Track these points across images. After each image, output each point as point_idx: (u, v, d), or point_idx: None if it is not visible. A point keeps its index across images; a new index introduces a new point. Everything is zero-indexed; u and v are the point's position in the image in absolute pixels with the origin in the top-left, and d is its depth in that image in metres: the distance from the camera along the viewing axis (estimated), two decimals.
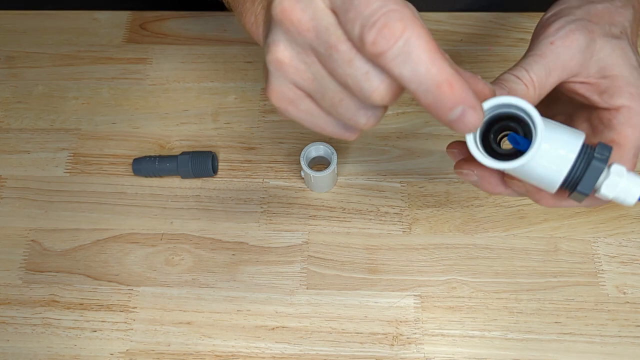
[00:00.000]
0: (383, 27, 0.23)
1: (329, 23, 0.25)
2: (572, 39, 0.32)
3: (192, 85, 0.57)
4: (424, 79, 0.23)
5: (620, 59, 0.33)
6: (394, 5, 0.23)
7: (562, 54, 0.32)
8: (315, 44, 0.25)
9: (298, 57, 0.26)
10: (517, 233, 0.49)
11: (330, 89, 0.27)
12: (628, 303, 0.46)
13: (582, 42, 0.32)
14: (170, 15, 0.61)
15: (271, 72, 0.27)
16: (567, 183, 0.30)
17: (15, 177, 0.53)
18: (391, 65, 0.23)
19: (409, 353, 0.45)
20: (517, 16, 0.60)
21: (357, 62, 0.25)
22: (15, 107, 0.56)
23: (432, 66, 0.23)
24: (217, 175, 0.52)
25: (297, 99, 0.28)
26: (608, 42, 0.33)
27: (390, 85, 0.25)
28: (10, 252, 0.49)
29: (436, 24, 0.60)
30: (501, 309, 0.46)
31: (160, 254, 0.49)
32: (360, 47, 0.24)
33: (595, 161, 0.29)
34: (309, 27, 0.25)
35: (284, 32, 0.26)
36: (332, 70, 0.26)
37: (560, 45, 0.33)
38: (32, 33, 0.61)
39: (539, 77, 0.32)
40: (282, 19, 0.25)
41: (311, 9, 0.25)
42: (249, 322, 0.46)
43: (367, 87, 0.25)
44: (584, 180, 0.30)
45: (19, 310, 0.47)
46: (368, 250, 0.49)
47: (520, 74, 0.32)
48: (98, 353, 0.45)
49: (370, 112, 0.27)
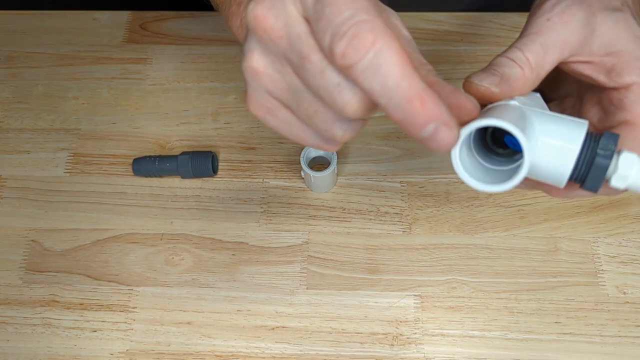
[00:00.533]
0: (353, 38, 0.22)
1: (301, 31, 0.24)
2: (569, 14, 0.30)
3: (192, 85, 0.57)
4: (394, 93, 0.22)
5: (624, 32, 0.30)
6: (365, 15, 0.22)
7: (560, 30, 0.30)
8: (288, 53, 0.25)
9: (272, 66, 0.26)
10: (517, 233, 0.49)
11: (305, 100, 0.26)
12: (628, 303, 0.46)
13: (581, 17, 0.30)
14: (170, 15, 0.61)
15: (247, 81, 0.27)
16: (575, 176, 0.28)
17: (15, 177, 0.53)
18: (361, 78, 0.22)
19: (409, 353, 0.45)
20: (517, 16, 0.60)
21: (329, 74, 0.24)
22: (15, 107, 0.56)
23: (403, 80, 0.22)
24: (217, 175, 0.52)
25: (274, 108, 0.27)
26: (609, 15, 0.31)
27: (362, 99, 0.24)
28: (10, 252, 0.49)
29: (436, 24, 0.60)
30: (501, 309, 0.46)
31: (160, 254, 0.49)
32: (330, 58, 0.23)
33: (599, 158, 0.28)
34: (281, 34, 0.24)
35: (258, 40, 0.25)
36: (305, 81, 0.25)
37: (557, 21, 0.30)
38: (32, 33, 0.61)
39: (536, 55, 0.30)
40: (255, 26, 0.25)
41: (284, 16, 0.24)
42: (249, 322, 0.46)
43: (340, 100, 0.24)
44: (590, 177, 0.28)
45: (19, 310, 0.47)
46: (368, 250, 0.49)
47: (514, 55, 0.30)
48: (98, 353, 0.45)
49: (347, 125, 0.26)
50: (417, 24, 0.60)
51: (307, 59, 0.24)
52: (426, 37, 0.59)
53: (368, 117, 0.26)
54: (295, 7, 0.24)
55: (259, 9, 0.24)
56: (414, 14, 0.60)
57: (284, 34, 0.24)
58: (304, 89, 0.25)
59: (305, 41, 0.24)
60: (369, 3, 0.23)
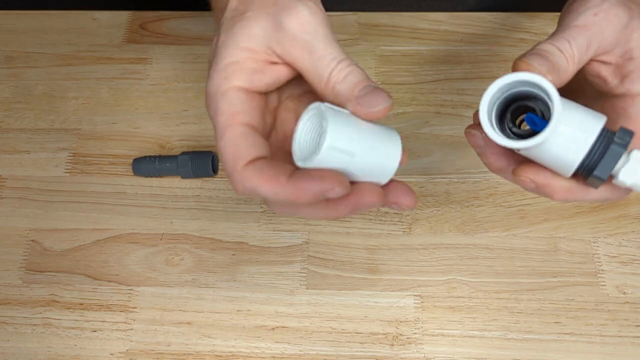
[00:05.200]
0: (235, 185, 0.30)
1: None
2: (614, 13, 0.30)
3: (192, 85, 0.57)
4: (277, 200, 0.29)
5: None
6: (231, 169, 0.30)
7: (604, 28, 0.30)
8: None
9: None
10: (517, 233, 0.49)
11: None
12: (628, 303, 0.46)
13: (623, 18, 0.30)
14: (170, 15, 0.61)
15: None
16: (584, 167, 0.29)
17: (15, 177, 0.53)
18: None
19: (409, 353, 0.45)
20: (517, 16, 0.60)
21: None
22: (15, 107, 0.56)
23: (275, 196, 0.29)
24: (217, 175, 0.52)
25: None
26: None
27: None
28: (10, 252, 0.49)
29: (436, 24, 0.60)
30: (501, 309, 0.46)
31: (160, 254, 0.49)
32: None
33: (615, 145, 0.28)
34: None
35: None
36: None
37: (603, 18, 0.30)
38: (32, 33, 0.61)
39: (580, 51, 0.30)
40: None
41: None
42: (249, 322, 0.46)
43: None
44: (602, 164, 0.28)
45: (19, 310, 0.47)
46: (368, 250, 0.49)
47: (563, 47, 0.30)
48: (98, 353, 0.45)
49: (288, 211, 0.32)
50: (417, 24, 0.60)
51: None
52: (426, 37, 0.59)
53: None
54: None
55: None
56: (414, 14, 0.60)
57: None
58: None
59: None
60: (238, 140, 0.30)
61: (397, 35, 0.59)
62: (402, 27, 0.60)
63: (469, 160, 0.52)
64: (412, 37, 0.59)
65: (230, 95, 0.30)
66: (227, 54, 0.30)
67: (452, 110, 0.54)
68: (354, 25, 0.60)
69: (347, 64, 0.30)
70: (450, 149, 0.53)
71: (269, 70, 0.31)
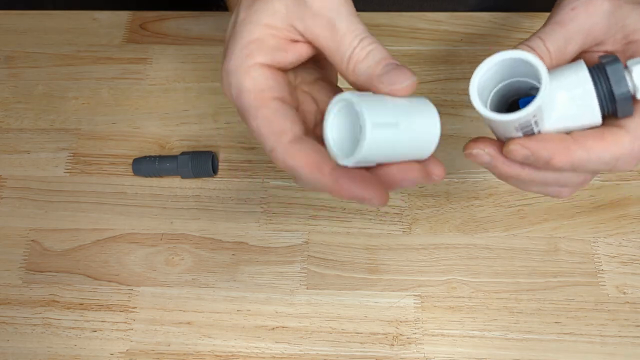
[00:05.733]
0: (275, 162, 0.29)
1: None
2: (595, 5, 0.30)
3: (192, 85, 0.57)
4: (316, 187, 0.29)
5: None
6: (272, 145, 0.29)
7: (584, 20, 0.30)
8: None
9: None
10: (517, 233, 0.49)
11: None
12: (628, 303, 0.46)
13: (607, 8, 0.30)
14: (170, 15, 0.61)
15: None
16: (604, 101, 0.29)
17: (15, 177, 0.53)
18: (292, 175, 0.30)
19: (409, 353, 0.45)
20: (517, 16, 0.60)
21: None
22: (15, 107, 0.56)
23: (316, 181, 0.28)
24: (217, 175, 0.52)
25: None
26: (635, 8, 0.31)
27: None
28: (10, 252, 0.49)
29: (436, 24, 0.60)
30: (501, 309, 0.46)
31: (160, 254, 0.49)
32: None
33: (608, 66, 0.28)
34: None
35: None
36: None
37: (582, 11, 0.30)
38: (32, 33, 0.61)
39: (557, 46, 0.30)
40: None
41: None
42: (249, 322, 0.46)
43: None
44: (614, 85, 0.28)
45: (19, 310, 0.47)
46: (368, 250, 0.49)
47: (535, 44, 0.31)
48: (98, 353, 0.45)
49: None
50: (417, 24, 0.60)
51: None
52: (426, 37, 0.59)
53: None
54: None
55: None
56: (414, 14, 0.60)
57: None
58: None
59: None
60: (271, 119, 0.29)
61: (397, 35, 0.59)
62: (402, 27, 0.60)
63: (468, 160, 0.52)
64: (412, 37, 0.59)
65: (254, 72, 0.29)
66: (248, 30, 0.29)
67: (452, 110, 0.54)
68: None
69: (369, 41, 0.29)
70: (450, 149, 0.53)
71: (291, 48, 0.30)
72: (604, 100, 0.29)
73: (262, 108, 0.29)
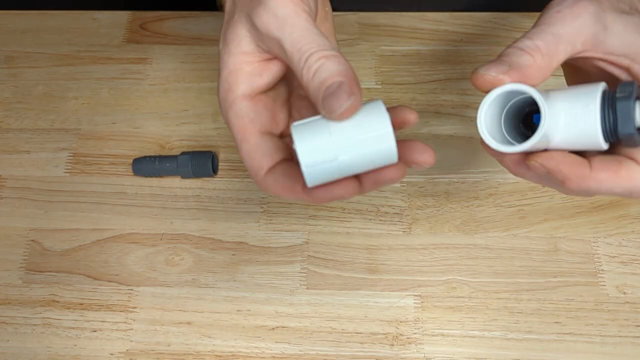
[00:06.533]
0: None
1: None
2: (580, 7, 0.30)
3: (192, 85, 0.57)
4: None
5: (636, 35, 0.30)
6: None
7: (570, 21, 0.30)
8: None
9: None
10: (517, 233, 0.49)
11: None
12: (628, 303, 0.46)
13: (592, 10, 0.30)
14: (170, 15, 0.61)
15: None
16: (608, 133, 0.29)
17: (15, 177, 0.53)
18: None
19: (409, 353, 0.45)
20: (517, 16, 0.60)
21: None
22: (15, 107, 0.56)
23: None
24: (217, 175, 0.52)
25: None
26: (619, 17, 0.31)
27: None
28: (10, 252, 0.49)
29: (436, 24, 0.60)
30: (501, 309, 0.46)
31: (160, 254, 0.49)
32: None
33: (620, 101, 0.28)
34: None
35: None
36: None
37: (568, 13, 0.30)
38: (32, 33, 0.61)
39: (547, 43, 0.30)
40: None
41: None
42: (249, 322, 0.46)
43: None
44: (620, 121, 0.28)
45: (19, 310, 0.47)
46: (368, 250, 0.49)
47: (522, 45, 0.30)
48: (98, 353, 0.45)
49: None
50: (417, 24, 0.60)
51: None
52: (426, 37, 0.59)
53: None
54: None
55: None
56: (414, 14, 0.60)
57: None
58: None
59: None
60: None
61: (397, 35, 0.59)
62: (402, 27, 0.60)
63: (468, 160, 0.52)
64: (412, 37, 0.59)
65: (236, 106, 0.31)
66: (224, 62, 0.31)
67: (452, 110, 0.54)
68: (354, 25, 0.60)
69: (316, 57, 0.28)
70: (450, 149, 0.53)
71: (265, 70, 0.31)
72: (608, 134, 0.29)
73: (244, 143, 0.31)
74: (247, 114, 0.31)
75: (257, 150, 0.31)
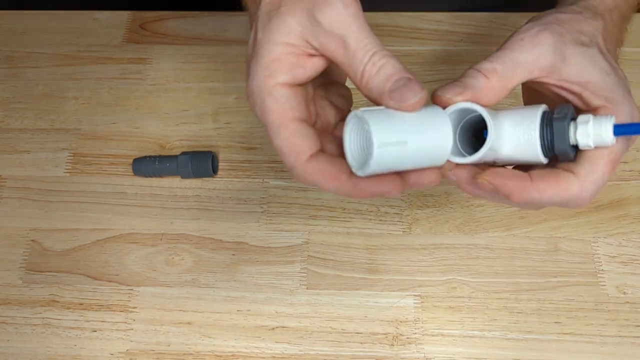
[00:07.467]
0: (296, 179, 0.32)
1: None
2: (541, 37, 0.33)
3: (192, 85, 0.57)
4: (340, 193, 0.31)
5: (591, 65, 0.33)
6: (291, 164, 0.31)
7: (530, 50, 0.33)
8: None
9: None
10: (517, 233, 0.49)
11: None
12: (628, 303, 0.46)
13: (552, 41, 0.33)
14: (170, 15, 0.61)
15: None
16: (546, 149, 0.32)
17: (15, 177, 0.53)
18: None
19: (409, 353, 0.45)
20: (517, 16, 0.60)
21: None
22: (15, 107, 0.56)
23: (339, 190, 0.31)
24: (217, 175, 0.52)
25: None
26: (578, 49, 0.33)
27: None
28: (10, 252, 0.49)
29: (436, 24, 0.60)
30: (501, 309, 0.46)
31: (160, 254, 0.49)
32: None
33: (556, 122, 0.31)
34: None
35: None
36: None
37: (529, 42, 0.33)
38: (32, 33, 0.61)
39: (504, 66, 0.32)
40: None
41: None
42: (249, 322, 0.46)
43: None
44: (556, 140, 0.31)
45: (19, 310, 0.47)
46: (368, 250, 0.49)
47: (481, 67, 0.33)
48: (98, 353, 0.45)
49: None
50: (417, 24, 0.60)
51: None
52: (426, 37, 0.59)
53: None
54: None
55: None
56: (414, 14, 0.60)
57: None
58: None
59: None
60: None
61: (397, 35, 0.59)
62: (402, 27, 0.60)
63: None
64: (412, 37, 0.59)
65: (276, 93, 0.31)
66: (267, 50, 0.31)
67: None
68: None
69: (380, 56, 0.30)
70: None
71: (309, 63, 0.32)
72: (546, 149, 0.32)
73: (284, 128, 0.31)
74: (288, 100, 0.31)
75: (299, 135, 0.31)
